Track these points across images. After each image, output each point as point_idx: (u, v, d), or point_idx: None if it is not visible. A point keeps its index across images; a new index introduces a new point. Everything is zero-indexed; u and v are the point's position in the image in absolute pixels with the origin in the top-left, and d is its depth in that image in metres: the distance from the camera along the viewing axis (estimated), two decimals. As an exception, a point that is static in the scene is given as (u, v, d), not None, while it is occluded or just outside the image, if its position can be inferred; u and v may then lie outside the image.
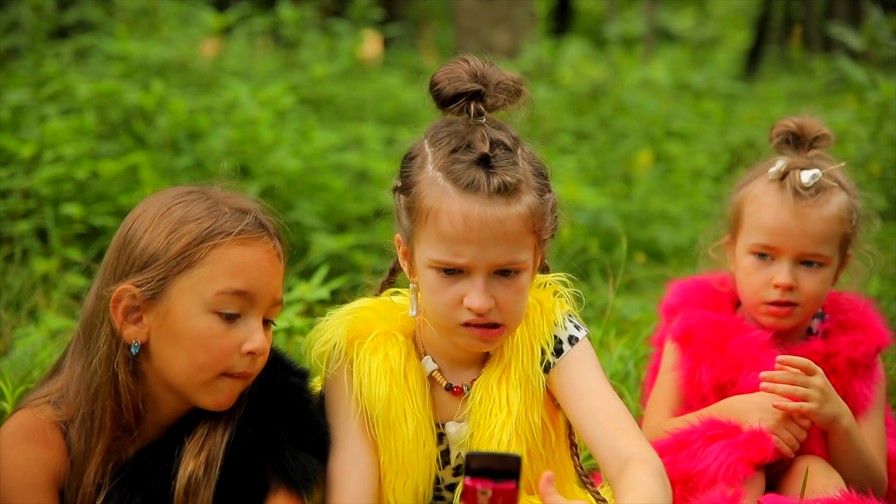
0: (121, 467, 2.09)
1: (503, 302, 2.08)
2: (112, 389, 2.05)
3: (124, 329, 2.04)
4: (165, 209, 2.06)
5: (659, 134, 6.72)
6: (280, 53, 7.93)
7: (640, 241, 5.47)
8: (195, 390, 2.06)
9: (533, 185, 2.08)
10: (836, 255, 2.58)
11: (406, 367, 2.19)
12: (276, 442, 2.11)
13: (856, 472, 2.44)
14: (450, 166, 2.05)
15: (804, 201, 2.53)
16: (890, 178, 4.98)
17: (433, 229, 2.06)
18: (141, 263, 2.03)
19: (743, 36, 20.73)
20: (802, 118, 2.67)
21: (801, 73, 9.19)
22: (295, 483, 2.09)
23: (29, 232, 4.33)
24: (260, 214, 2.11)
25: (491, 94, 2.09)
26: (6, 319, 3.51)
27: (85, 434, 2.08)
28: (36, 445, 2.08)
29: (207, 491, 2.06)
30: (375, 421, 2.17)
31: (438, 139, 2.09)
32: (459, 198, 2.03)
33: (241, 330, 2.05)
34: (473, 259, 2.04)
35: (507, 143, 2.07)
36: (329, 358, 2.20)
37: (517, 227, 2.04)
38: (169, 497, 2.07)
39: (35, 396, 2.14)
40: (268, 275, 2.07)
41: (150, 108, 4.95)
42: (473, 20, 8.31)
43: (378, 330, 2.21)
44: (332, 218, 5.08)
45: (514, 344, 2.19)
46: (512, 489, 1.77)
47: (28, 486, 2.05)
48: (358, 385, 2.18)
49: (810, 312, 2.60)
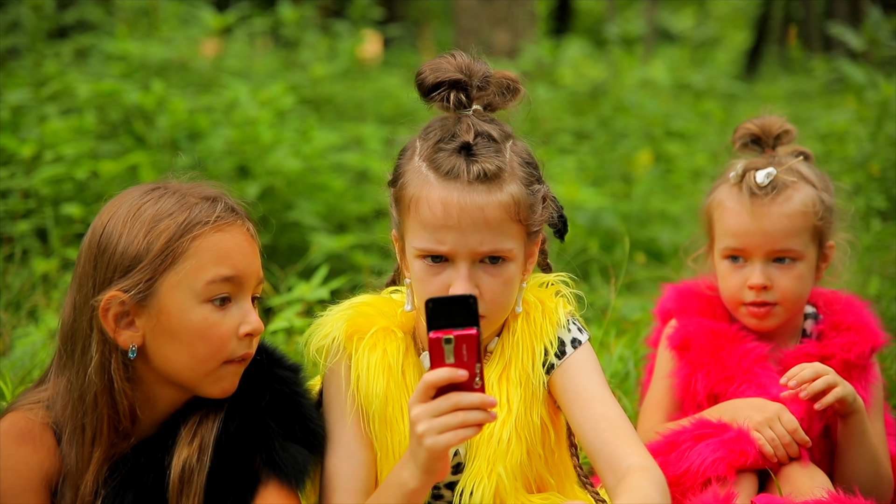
0: (115, 467, 2.09)
1: (487, 292, 2.08)
2: (109, 398, 2.05)
3: (118, 336, 2.04)
4: (135, 210, 2.05)
5: (659, 134, 6.72)
6: (280, 53, 7.93)
7: (640, 241, 5.47)
8: (201, 382, 2.07)
9: (519, 175, 2.10)
10: (809, 250, 2.57)
11: (404, 363, 2.20)
12: (265, 434, 2.11)
13: (866, 462, 2.45)
14: (433, 155, 2.08)
15: (761, 200, 2.54)
16: (890, 178, 4.97)
17: (416, 217, 2.08)
18: (123, 268, 2.02)
19: (743, 36, 20.73)
20: (763, 118, 2.69)
21: (800, 73, 9.20)
22: (286, 475, 2.10)
23: (29, 232, 4.33)
24: (228, 199, 2.12)
25: (475, 86, 2.11)
26: (6, 319, 3.51)
27: (79, 445, 2.07)
28: (28, 446, 2.07)
29: (200, 477, 2.06)
30: (372, 417, 2.17)
31: (427, 132, 2.13)
32: (439, 185, 2.06)
33: (235, 314, 2.06)
34: (455, 245, 2.05)
35: (494, 134, 2.09)
36: (327, 352, 2.21)
37: (498, 215, 2.06)
38: (162, 490, 2.07)
39: (25, 401, 2.13)
40: (249, 255, 2.09)
41: (150, 107, 4.95)
42: (473, 20, 8.31)
43: (377, 326, 2.22)
44: (332, 218, 5.08)
45: (514, 342, 2.19)
46: (473, 334, 1.82)
47: (20, 487, 2.05)
48: (355, 380, 2.18)
49: (792, 310, 2.59)
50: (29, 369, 3.01)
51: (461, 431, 1.87)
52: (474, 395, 1.86)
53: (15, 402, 2.17)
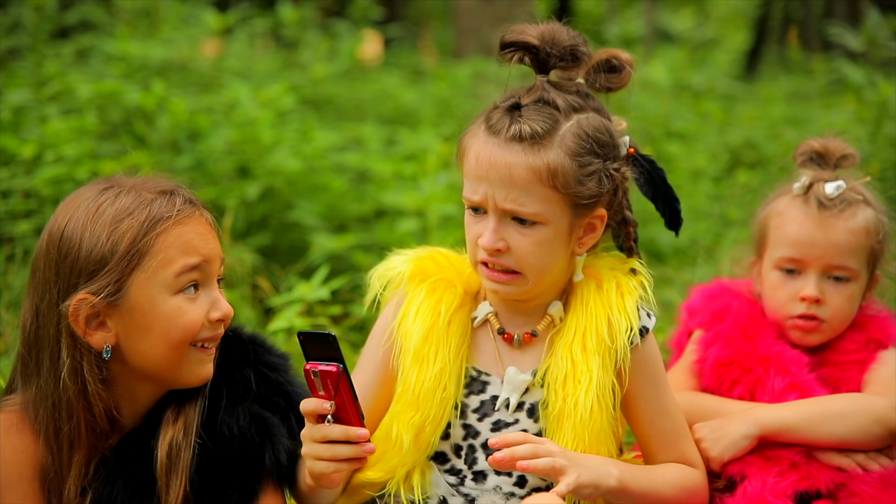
0: (103, 461, 2.10)
1: (516, 249, 2.14)
2: (84, 402, 2.05)
3: (90, 338, 2.04)
4: (94, 212, 2.05)
5: (659, 134, 6.72)
6: (280, 54, 7.94)
7: (640, 241, 5.46)
8: (177, 372, 2.08)
9: (568, 144, 2.13)
10: (863, 271, 2.57)
11: (454, 314, 2.24)
12: (264, 427, 2.13)
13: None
14: (490, 112, 2.16)
15: (829, 212, 2.53)
16: (889, 178, 4.97)
17: (463, 167, 2.19)
18: (89, 271, 2.02)
19: (742, 36, 20.73)
20: (826, 139, 2.67)
21: (800, 74, 9.20)
22: (281, 475, 2.13)
23: (30, 232, 4.33)
24: (184, 191, 2.13)
25: (554, 55, 2.18)
26: (6, 319, 3.51)
27: (57, 451, 2.07)
28: (19, 435, 2.08)
29: (187, 453, 2.07)
30: (406, 351, 2.21)
31: (501, 98, 2.19)
32: (483, 138, 2.14)
33: (204, 300, 2.09)
34: (484, 196, 2.13)
35: (559, 102, 2.15)
36: (390, 283, 2.27)
37: (526, 176, 2.10)
38: (151, 472, 2.07)
39: (3, 405, 2.13)
40: (211, 241, 2.12)
41: (151, 108, 4.95)
42: (473, 20, 8.32)
43: (441, 276, 2.27)
44: (332, 218, 5.08)
45: (587, 311, 2.21)
46: (334, 371, 1.94)
47: (15, 475, 2.07)
48: (402, 315, 2.23)
49: (837, 330, 2.58)
50: (30, 369, 3.01)
51: (333, 464, 2.01)
52: (337, 428, 1.99)
53: None
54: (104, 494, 2.07)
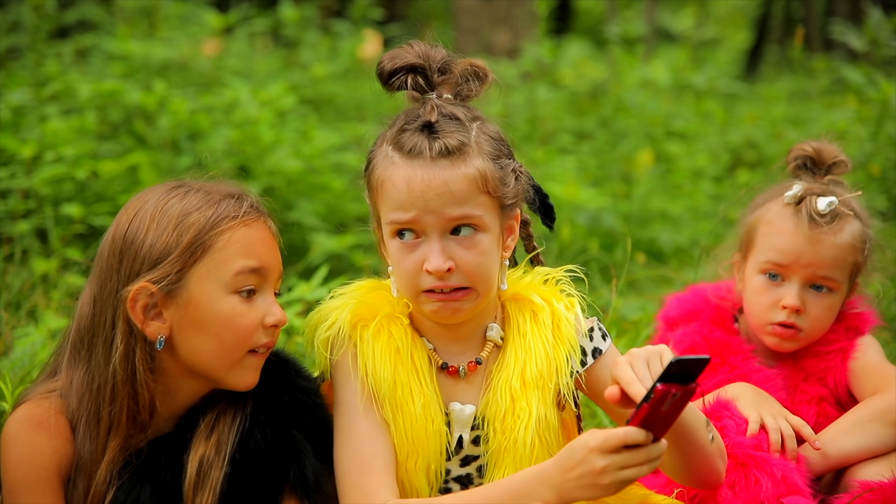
0: (130, 461, 2.11)
1: (463, 264, 2.10)
2: (130, 389, 2.08)
3: (146, 327, 2.08)
4: (162, 206, 2.10)
5: (659, 134, 6.72)
6: (281, 53, 7.93)
7: (641, 241, 5.47)
8: (226, 372, 2.11)
9: (486, 149, 2.12)
10: (845, 283, 2.60)
11: (411, 347, 2.21)
12: (295, 448, 2.13)
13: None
14: (397, 137, 2.13)
15: (819, 228, 2.55)
16: (890, 178, 4.97)
17: (385, 198, 2.13)
18: (152, 261, 2.07)
19: (743, 36, 20.72)
20: (820, 143, 2.68)
21: (801, 73, 9.19)
22: (309, 495, 2.12)
23: (29, 232, 4.33)
24: (252, 198, 2.18)
25: (435, 70, 2.16)
26: (6, 319, 3.51)
27: (95, 435, 2.10)
28: (44, 433, 2.10)
29: (217, 472, 2.09)
30: (383, 401, 2.17)
31: (395, 120, 2.18)
32: (403, 164, 2.10)
33: (260, 305, 2.12)
34: (423, 217, 2.08)
35: (460, 115, 2.13)
36: (333, 344, 2.21)
37: (464, 187, 2.08)
38: (179, 486, 2.09)
39: (37, 391, 2.16)
40: (273, 250, 2.16)
41: (151, 108, 4.95)
42: (473, 20, 8.31)
43: (382, 313, 2.22)
44: (332, 218, 5.08)
45: (525, 345, 2.19)
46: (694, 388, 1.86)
47: (34, 476, 2.08)
48: (363, 367, 2.18)
49: (813, 339, 2.62)
50: (29, 369, 3.01)
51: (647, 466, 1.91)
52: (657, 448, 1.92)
53: (26, 393, 2.19)
54: (130, 498, 2.09)
